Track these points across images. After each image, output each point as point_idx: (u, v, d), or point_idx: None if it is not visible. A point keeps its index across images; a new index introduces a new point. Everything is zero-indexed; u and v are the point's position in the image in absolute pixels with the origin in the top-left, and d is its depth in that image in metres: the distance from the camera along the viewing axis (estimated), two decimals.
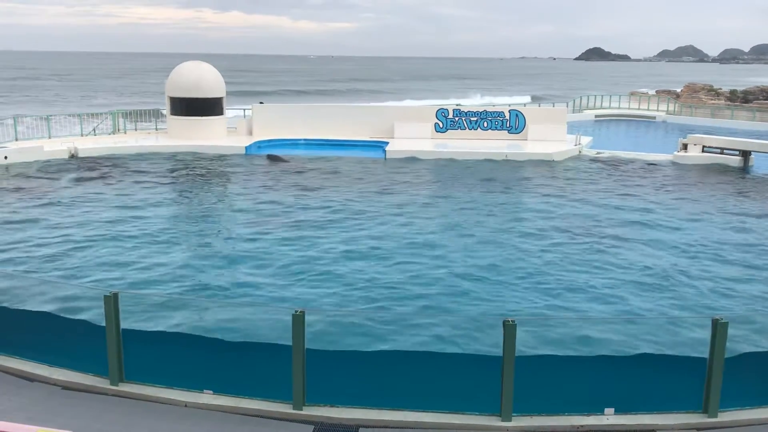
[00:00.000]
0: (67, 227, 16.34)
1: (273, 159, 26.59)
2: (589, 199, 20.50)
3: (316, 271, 13.33)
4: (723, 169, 26.31)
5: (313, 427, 7.21)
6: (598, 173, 24.93)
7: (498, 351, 7.15)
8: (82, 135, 29.77)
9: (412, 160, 27.09)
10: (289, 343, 7.28)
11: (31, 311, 9.29)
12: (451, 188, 22.43)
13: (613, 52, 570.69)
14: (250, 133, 31.39)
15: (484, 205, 19.67)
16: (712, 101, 50.77)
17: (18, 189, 20.75)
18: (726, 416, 7.37)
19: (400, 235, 16.04)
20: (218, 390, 7.70)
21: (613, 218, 18.14)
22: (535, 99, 72.78)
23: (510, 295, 12.30)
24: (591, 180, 23.67)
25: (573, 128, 32.74)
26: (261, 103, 37.63)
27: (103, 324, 7.78)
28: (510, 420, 7.19)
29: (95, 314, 9.00)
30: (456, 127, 31.67)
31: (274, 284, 12.65)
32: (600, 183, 23.12)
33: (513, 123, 31.58)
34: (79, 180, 22.22)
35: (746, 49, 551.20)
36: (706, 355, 7.29)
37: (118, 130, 31.36)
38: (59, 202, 19.04)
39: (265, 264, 13.78)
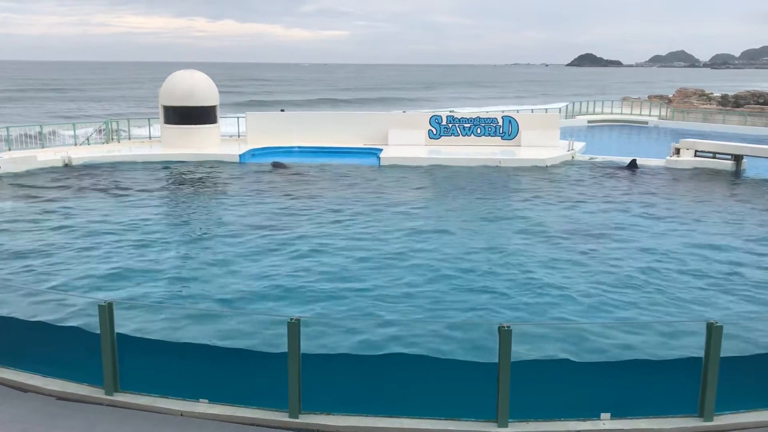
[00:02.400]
0: (59, 236, 16.28)
1: (277, 166, 26.66)
2: (582, 205, 20.56)
3: (311, 278, 13.31)
4: (715, 174, 26.45)
5: None
6: (591, 178, 25.01)
7: (494, 357, 7.16)
8: (75, 144, 29.74)
9: (406, 167, 27.13)
10: (285, 350, 7.28)
11: (24, 321, 9.22)
12: (444, 194, 22.49)
13: (605, 58, 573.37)
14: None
15: (477, 211, 19.71)
16: (704, 106, 51.01)
17: (10, 198, 20.68)
18: (722, 419, 7.39)
19: (395, 241, 16.05)
20: (214, 399, 7.68)
21: (606, 223, 18.20)
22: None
23: (504, 300, 12.31)
24: (584, 185, 23.74)
25: (566, 134, 32.85)
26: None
27: (98, 333, 7.76)
28: (506, 426, 7.19)
29: (89, 324, 8.96)
30: (449, 134, 31.76)
31: (269, 292, 12.63)
32: (593, 188, 23.20)
33: (506, 129, 31.69)
34: (72, 189, 22.15)
35: (737, 54, 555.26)
36: (701, 359, 7.31)
37: (112, 139, 31.34)
38: (52, 211, 18.98)
39: (260, 271, 13.76)
